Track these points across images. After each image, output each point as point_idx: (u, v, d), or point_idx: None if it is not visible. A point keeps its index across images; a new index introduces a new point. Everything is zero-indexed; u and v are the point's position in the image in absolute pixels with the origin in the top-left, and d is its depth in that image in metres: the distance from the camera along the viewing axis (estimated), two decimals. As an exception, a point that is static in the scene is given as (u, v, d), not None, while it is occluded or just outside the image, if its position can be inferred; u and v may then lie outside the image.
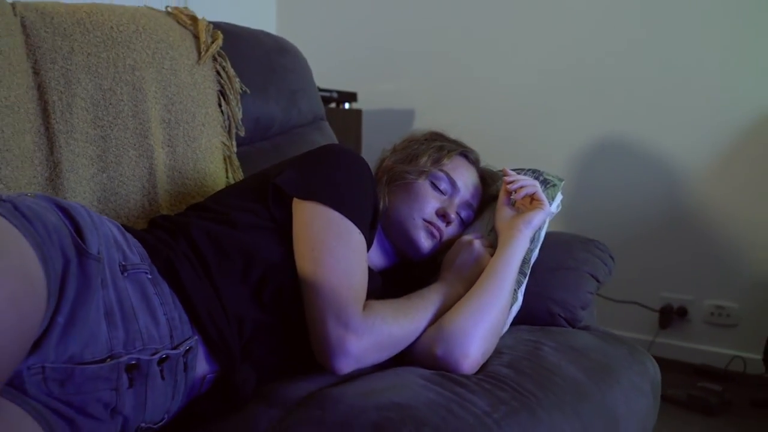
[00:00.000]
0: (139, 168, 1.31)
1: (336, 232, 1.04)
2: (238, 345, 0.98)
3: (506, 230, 1.21)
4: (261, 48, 1.64)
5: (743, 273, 2.68)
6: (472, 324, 1.06)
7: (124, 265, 0.91)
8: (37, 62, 1.25)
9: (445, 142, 1.35)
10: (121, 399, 0.85)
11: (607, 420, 1.05)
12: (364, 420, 0.84)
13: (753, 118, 2.64)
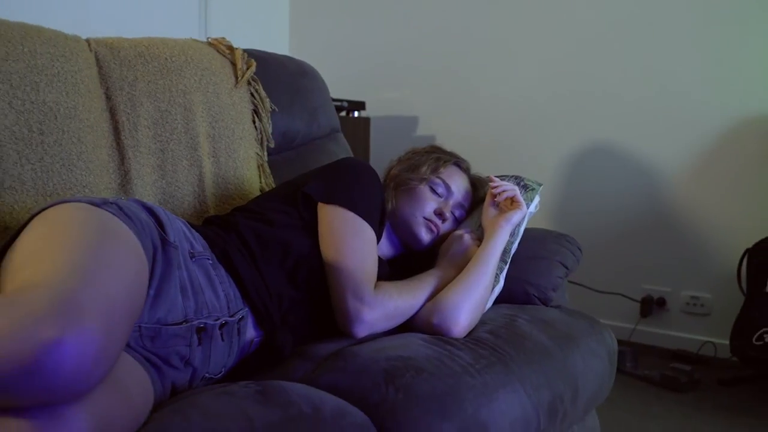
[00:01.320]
0: (191, 175, 1.59)
1: (352, 228, 1.33)
2: (278, 315, 1.26)
3: (490, 226, 1.49)
4: (286, 71, 1.91)
5: (716, 267, 2.92)
6: (461, 299, 1.34)
7: (192, 253, 1.19)
8: (109, 89, 1.53)
9: (442, 153, 1.63)
10: (193, 353, 1.13)
11: (567, 375, 1.33)
12: (376, 368, 1.12)
13: (726, 125, 2.88)
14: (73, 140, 1.40)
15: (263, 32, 3.99)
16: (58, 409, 0.69)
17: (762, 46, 2.78)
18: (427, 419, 1.05)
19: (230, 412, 0.93)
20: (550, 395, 1.27)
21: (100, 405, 0.75)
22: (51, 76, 1.40)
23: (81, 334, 0.69)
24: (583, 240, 2.97)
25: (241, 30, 3.73)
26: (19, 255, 0.92)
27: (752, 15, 2.79)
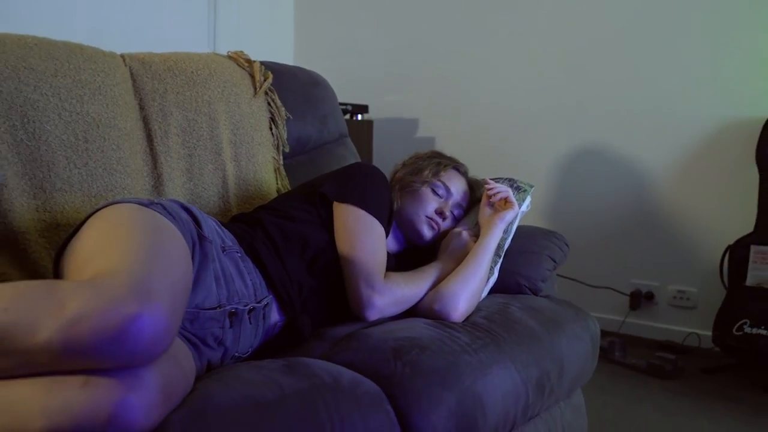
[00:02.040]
0: (216, 178, 1.76)
1: (364, 225, 1.49)
2: (299, 301, 1.43)
3: (486, 224, 1.66)
4: (298, 82, 2.08)
5: (701, 262, 3.09)
6: (459, 289, 1.51)
7: (223, 247, 1.36)
8: (142, 100, 1.70)
9: (442, 158, 1.80)
10: (225, 334, 1.29)
11: (553, 356, 1.50)
12: (386, 346, 1.29)
13: (709, 129, 3.04)
14: (113, 147, 1.57)
15: (269, 41, 4.15)
16: (136, 371, 0.86)
17: (742, 56, 2.94)
18: (430, 389, 1.21)
19: (264, 380, 1.09)
20: (538, 372, 1.44)
21: (164, 369, 0.92)
22: (93, 89, 1.57)
23: (154, 310, 0.86)
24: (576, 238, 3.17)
25: (247, 39, 3.90)
26: (85, 248, 1.09)
27: (733, 26, 2.96)
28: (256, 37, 4.00)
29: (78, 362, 0.84)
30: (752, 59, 2.93)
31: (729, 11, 2.96)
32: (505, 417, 1.35)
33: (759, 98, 2.91)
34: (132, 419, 0.84)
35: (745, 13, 2.93)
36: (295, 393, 1.08)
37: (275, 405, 1.03)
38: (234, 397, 1.03)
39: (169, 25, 3.54)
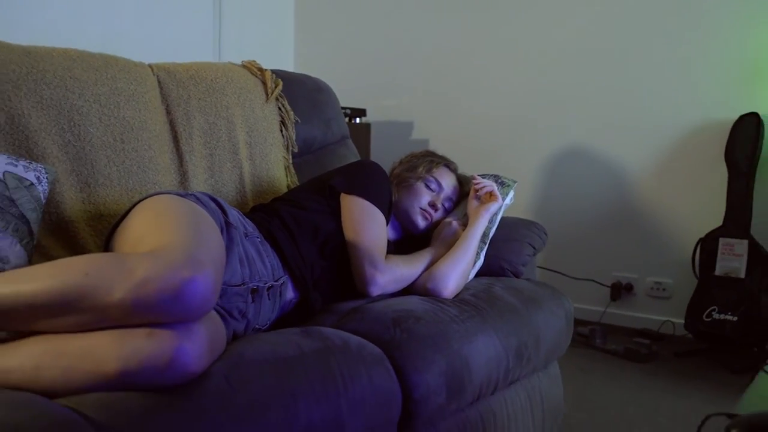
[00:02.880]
0: (233, 175, 1.97)
1: (368, 213, 1.71)
2: (311, 280, 1.65)
3: (473, 215, 1.88)
4: (305, 88, 2.30)
5: (676, 255, 3.31)
6: (449, 270, 1.73)
7: (246, 233, 1.57)
8: (168, 106, 1.91)
9: (434, 157, 2.02)
10: (248, 308, 1.50)
11: (531, 328, 1.72)
12: (386, 317, 1.50)
13: (683, 131, 3.27)
14: (145, 147, 1.79)
15: (271, 48, 4.37)
16: (189, 325, 1.07)
17: (713, 64, 3.17)
18: (424, 352, 1.43)
19: (285, 342, 1.31)
20: (517, 342, 1.66)
21: (208, 326, 1.14)
22: (128, 96, 1.78)
23: (204, 275, 1.07)
24: (560, 233, 3.41)
25: (250, 46, 4.12)
26: (137, 229, 1.30)
27: (706, 36, 3.18)
28: (259, 44, 4.21)
29: (144, 317, 1.05)
30: (723, 67, 3.15)
31: (702, 23, 3.19)
32: (489, 378, 1.57)
33: (728, 102, 3.13)
34: (187, 362, 1.05)
35: (717, 25, 3.16)
36: (312, 351, 1.29)
37: (296, 360, 1.25)
38: (262, 353, 1.25)
39: (177, 34, 3.75)
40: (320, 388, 1.23)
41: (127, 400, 1.02)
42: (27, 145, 1.56)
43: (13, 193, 1.41)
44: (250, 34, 4.18)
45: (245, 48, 4.10)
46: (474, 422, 1.61)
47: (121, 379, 1.04)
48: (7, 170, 1.42)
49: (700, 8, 3.19)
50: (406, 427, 1.42)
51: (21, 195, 1.42)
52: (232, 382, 1.13)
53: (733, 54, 3.13)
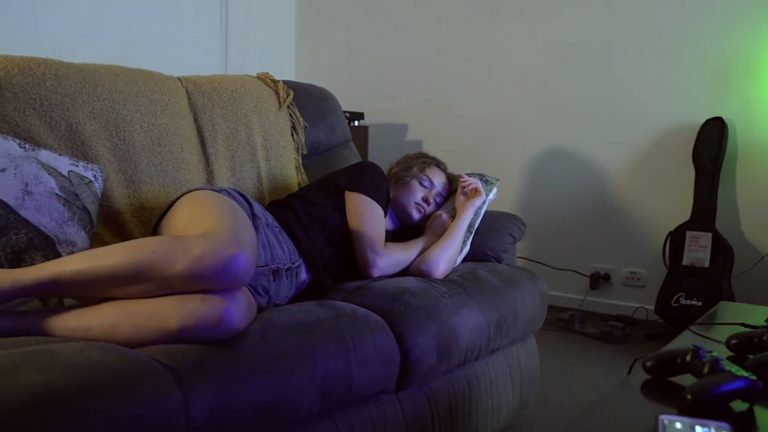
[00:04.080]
0: (252, 174, 2.26)
1: (369, 207, 2.00)
2: (321, 264, 1.94)
3: (460, 208, 2.17)
4: (312, 97, 2.59)
5: (649, 248, 3.61)
6: (440, 255, 2.02)
7: (267, 223, 1.86)
8: (196, 114, 2.20)
9: (427, 158, 2.31)
10: (270, 286, 1.79)
11: (509, 305, 2.02)
12: (387, 292, 1.79)
13: (655, 132, 3.57)
14: (178, 150, 2.07)
15: (273, 55, 4.65)
16: (233, 292, 1.36)
17: (681, 73, 3.47)
18: (418, 320, 1.72)
19: (305, 311, 1.60)
20: (497, 315, 1.96)
21: (246, 295, 1.43)
22: (163, 105, 2.07)
23: (245, 252, 1.36)
24: (543, 227, 3.71)
25: (254, 53, 4.41)
26: (184, 217, 1.59)
27: (676, 46, 3.48)
28: (262, 52, 4.50)
29: (199, 285, 1.34)
30: (691, 75, 3.45)
31: (672, 35, 3.48)
32: (473, 345, 1.86)
33: (695, 108, 3.43)
34: (232, 321, 1.34)
35: (685, 38, 3.45)
36: (327, 318, 1.58)
37: (315, 324, 1.54)
38: (287, 319, 1.54)
39: (188, 43, 4.03)
40: (334, 348, 1.52)
41: (186, 350, 1.31)
42: (83, 149, 1.85)
43: (77, 189, 1.70)
44: (255, 43, 4.46)
45: (250, 56, 4.39)
46: (461, 383, 1.90)
47: (181, 335, 1.32)
48: (71, 170, 1.71)
49: (670, 22, 3.48)
50: (403, 382, 1.71)
51: (83, 190, 1.71)
52: (265, 339, 1.42)
53: (700, 63, 3.43)
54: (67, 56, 2.03)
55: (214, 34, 4.22)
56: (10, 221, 1.54)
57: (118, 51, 3.60)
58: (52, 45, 3.29)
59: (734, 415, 0.99)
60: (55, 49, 2.98)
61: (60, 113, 1.83)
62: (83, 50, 3.40)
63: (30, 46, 3.11)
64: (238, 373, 1.33)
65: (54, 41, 3.35)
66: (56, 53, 2.02)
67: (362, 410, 1.61)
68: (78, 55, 2.25)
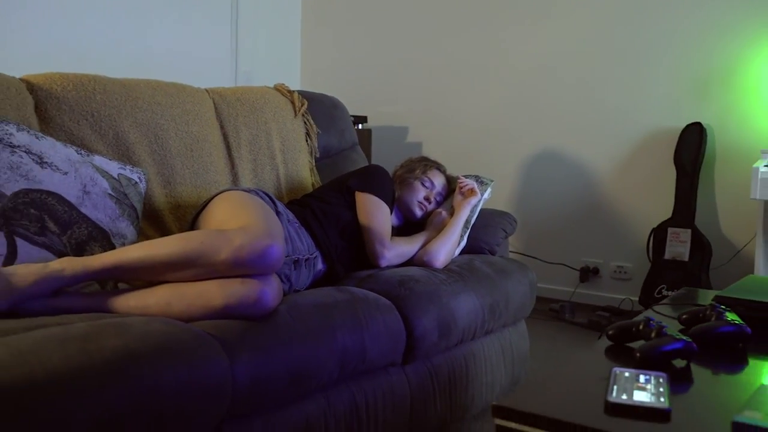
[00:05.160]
0: (272, 176, 2.52)
1: (376, 205, 2.26)
2: (335, 255, 2.20)
3: (457, 206, 2.43)
4: (324, 106, 2.85)
5: (635, 243, 3.87)
6: (440, 247, 2.28)
7: (289, 220, 2.12)
8: (221, 122, 2.46)
9: (428, 161, 2.57)
10: (291, 274, 2.04)
11: (501, 291, 2.28)
12: (394, 280, 2.05)
13: (640, 135, 3.83)
14: (207, 155, 2.33)
15: (280, 62, 4.90)
16: (267, 277, 1.62)
17: (664, 80, 3.73)
18: (421, 304, 1.99)
19: (323, 294, 1.86)
20: (491, 300, 2.22)
21: (276, 279, 1.69)
22: (194, 115, 2.33)
23: (278, 243, 1.63)
24: (536, 224, 3.98)
25: (262, 61, 4.66)
26: (221, 214, 1.85)
27: (660, 54, 3.74)
28: (269, 59, 4.75)
29: (239, 271, 1.60)
30: (672, 83, 3.71)
31: (655, 44, 3.75)
32: (469, 326, 2.13)
33: (677, 113, 3.69)
34: (268, 300, 1.61)
35: (667, 47, 3.72)
36: (343, 300, 1.85)
37: (333, 305, 1.80)
38: (309, 301, 1.80)
39: (200, 53, 4.29)
40: (350, 325, 1.78)
41: (229, 324, 1.57)
42: (128, 154, 2.11)
43: (126, 189, 1.96)
44: (263, 51, 4.72)
45: (258, 63, 4.65)
46: (459, 360, 2.16)
47: (224, 312, 1.59)
48: (120, 173, 1.97)
49: (653, 35, 3.74)
50: (409, 357, 1.97)
51: (130, 191, 1.97)
52: (293, 316, 1.68)
53: (681, 73, 3.69)
54: (90, 67, 2.31)
55: (225, 43, 4.47)
56: (73, 217, 1.80)
57: (137, 61, 3.86)
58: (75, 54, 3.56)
59: (674, 368, 1.26)
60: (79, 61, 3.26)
61: (108, 123, 2.09)
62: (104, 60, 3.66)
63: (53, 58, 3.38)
64: (272, 344, 1.59)
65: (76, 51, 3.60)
66: (80, 65, 2.29)
67: (374, 380, 1.88)
68: (100, 66, 2.52)
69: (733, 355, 1.37)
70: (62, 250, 1.75)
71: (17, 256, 1.67)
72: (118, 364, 1.30)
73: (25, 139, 1.78)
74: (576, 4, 3.98)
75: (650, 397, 1.06)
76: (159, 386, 1.34)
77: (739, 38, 3.52)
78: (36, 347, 1.26)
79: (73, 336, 1.33)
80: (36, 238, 1.72)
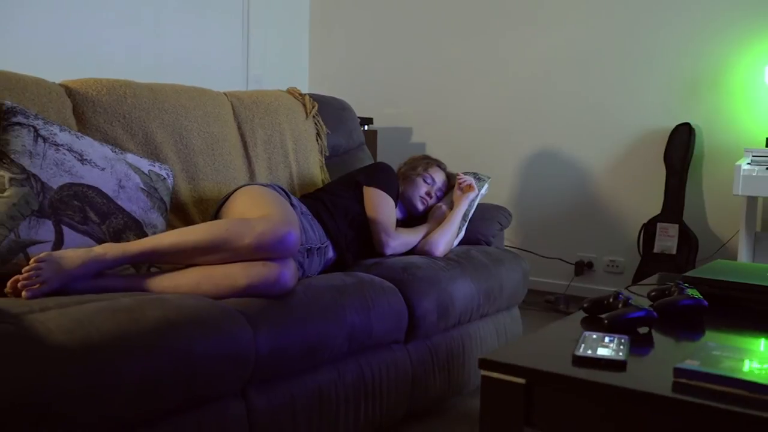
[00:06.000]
0: (285, 173, 2.73)
1: (382, 199, 2.47)
2: (345, 244, 2.40)
3: (456, 201, 2.64)
4: (333, 107, 3.06)
5: (627, 238, 4.07)
6: (440, 238, 2.49)
7: (302, 212, 2.32)
8: (239, 123, 2.67)
9: (430, 159, 2.78)
10: (304, 261, 2.25)
11: (496, 279, 2.49)
12: (397, 266, 2.26)
13: (633, 135, 4.02)
14: (226, 153, 2.55)
15: (289, 65, 5.11)
16: (286, 260, 1.83)
17: (655, 84, 3.93)
18: (422, 287, 2.20)
19: (335, 279, 2.07)
20: (486, 287, 2.43)
21: (293, 263, 1.90)
22: (214, 116, 2.55)
23: (295, 230, 1.84)
24: (533, 219, 4.18)
25: (272, 63, 4.87)
26: (242, 206, 2.06)
27: (652, 58, 3.95)
28: (279, 62, 4.97)
29: (261, 255, 1.81)
30: (663, 86, 3.91)
31: (646, 49, 3.95)
32: (466, 309, 2.34)
33: (667, 114, 3.89)
34: (286, 281, 1.82)
35: (659, 51, 3.92)
36: (352, 283, 2.06)
37: (343, 288, 2.01)
38: (322, 284, 2.01)
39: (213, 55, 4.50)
40: (358, 305, 1.99)
41: (252, 302, 1.78)
42: (156, 152, 2.32)
43: (155, 184, 2.17)
44: (272, 54, 4.93)
45: (268, 66, 4.86)
46: (456, 340, 2.37)
47: (248, 291, 1.80)
48: (150, 169, 2.18)
49: (645, 40, 3.94)
50: (410, 336, 2.18)
51: (160, 185, 2.19)
52: (307, 296, 1.89)
53: (671, 76, 3.89)
54: (112, 70, 2.54)
55: (237, 48, 4.68)
56: (110, 208, 2.01)
57: (155, 64, 4.08)
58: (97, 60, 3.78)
59: (637, 333, 1.46)
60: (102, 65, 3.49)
61: (138, 124, 2.30)
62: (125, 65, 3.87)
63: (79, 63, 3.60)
64: (289, 319, 1.81)
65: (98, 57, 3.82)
66: (103, 68, 2.53)
67: (379, 355, 2.09)
68: (121, 70, 2.75)
69: (691, 326, 1.57)
70: (102, 237, 1.96)
71: (64, 242, 1.88)
72: (160, 331, 1.52)
73: (67, 139, 2.00)
74: (571, 14, 4.18)
75: (611, 353, 1.27)
76: (193, 351, 1.55)
77: (726, 43, 3.72)
78: (91, 316, 1.48)
79: (120, 308, 1.55)
80: (79, 226, 1.93)
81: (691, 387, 1.14)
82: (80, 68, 2.61)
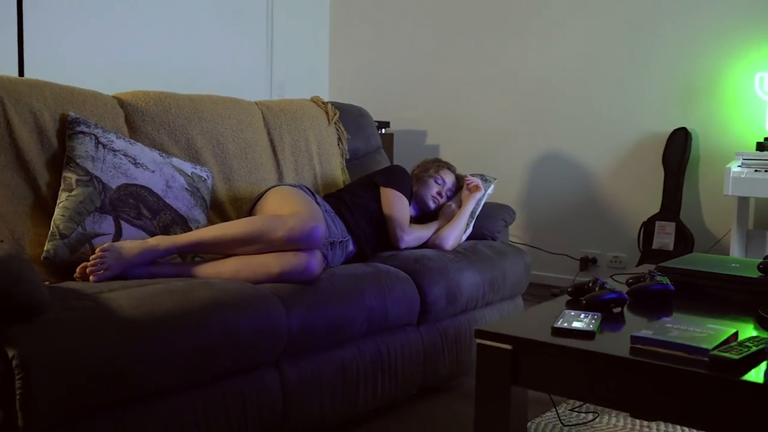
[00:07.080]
0: (310, 174, 3.02)
1: (398, 198, 2.75)
2: (364, 239, 2.68)
3: (464, 200, 2.91)
4: (352, 114, 3.34)
5: (628, 236, 4.31)
6: (449, 233, 2.77)
7: (326, 210, 2.60)
8: (269, 129, 2.95)
9: (441, 162, 3.05)
10: (328, 253, 2.52)
11: (500, 270, 2.76)
12: (411, 258, 2.54)
13: (633, 138, 4.27)
14: (258, 157, 2.83)
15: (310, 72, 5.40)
16: (313, 251, 2.12)
17: (654, 90, 4.18)
18: (433, 276, 2.47)
19: (355, 268, 2.35)
20: (491, 277, 2.70)
21: (320, 254, 2.19)
22: (246, 123, 2.83)
23: (321, 225, 2.12)
24: (540, 217, 4.45)
25: (294, 71, 5.16)
26: (274, 203, 2.34)
27: (651, 65, 4.20)
28: (301, 70, 5.26)
29: (291, 246, 2.10)
30: (661, 92, 4.16)
31: (646, 56, 4.20)
32: (472, 297, 2.61)
33: (665, 119, 4.13)
34: (314, 269, 2.11)
35: (657, 58, 4.16)
36: (370, 272, 2.34)
37: (362, 276, 2.30)
38: (344, 272, 2.30)
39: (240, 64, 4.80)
40: (376, 291, 2.27)
41: (285, 286, 2.06)
42: (197, 156, 2.62)
43: (197, 185, 2.47)
44: (295, 62, 5.21)
45: (290, 73, 5.15)
46: (463, 324, 2.65)
47: (281, 277, 2.09)
48: (192, 171, 2.48)
49: (644, 47, 4.19)
50: (422, 319, 2.46)
51: (201, 186, 2.48)
52: (332, 282, 2.18)
53: (669, 82, 4.13)
54: (148, 81, 2.84)
55: (261, 57, 4.97)
56: (160, 206, 2.31)
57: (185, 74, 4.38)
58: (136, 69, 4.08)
59: (610, 312, 1.74)
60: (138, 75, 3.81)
61: (181, 131, 2.60)
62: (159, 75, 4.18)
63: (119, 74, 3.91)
64: (316, 302, 2.09)
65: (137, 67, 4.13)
66: (140, 79, 2.83)
67: (394, 335, 2.37)
68: (155, 80, 3.05)
69: (660, 307, 1.84)
70: (154, 230, 2.26)
71: (122, 235, 2.18)
72: (209, 309, 1.81)
73: (123, 145, 2.30)
74: (575, 25, 4.44)
75: (584, 325, 1.54)
76: (237, 326, 1.84)
77: (720, 53, 3.96)
78: (152, 295, 1.77)
79: (175, 289, 1.84)
80: (134, 221, 2.23)
81: (645, 351, 1.41)
82: (126, 79, 2.91)
